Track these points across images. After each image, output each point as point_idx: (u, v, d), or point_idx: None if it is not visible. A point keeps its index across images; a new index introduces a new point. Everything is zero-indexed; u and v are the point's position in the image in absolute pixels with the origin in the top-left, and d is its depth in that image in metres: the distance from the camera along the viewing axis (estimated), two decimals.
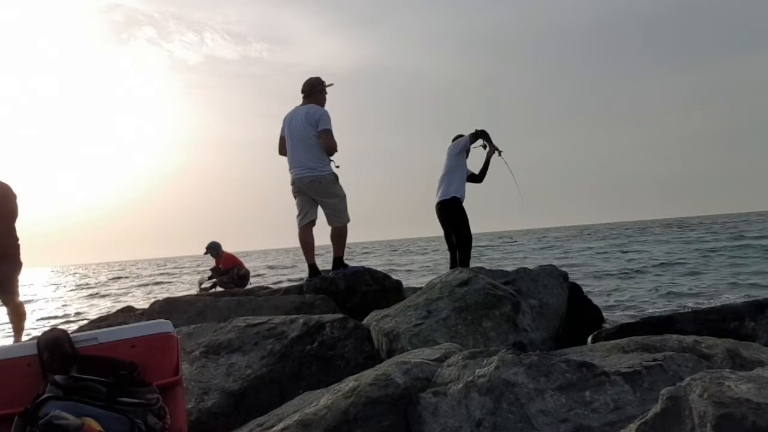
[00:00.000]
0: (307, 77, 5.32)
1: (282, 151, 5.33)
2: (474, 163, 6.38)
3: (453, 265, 5.96)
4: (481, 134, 6.08)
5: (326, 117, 5.04)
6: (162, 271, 37.25)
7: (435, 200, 6.14)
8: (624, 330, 3.66)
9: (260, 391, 2.80)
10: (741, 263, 12.80)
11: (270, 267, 28.89)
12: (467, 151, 6.21)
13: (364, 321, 3.59)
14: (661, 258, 15.70)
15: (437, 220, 6.21)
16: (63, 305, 15.66)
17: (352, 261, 6.28)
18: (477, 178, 6.31)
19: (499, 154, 6.17)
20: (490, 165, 6.29)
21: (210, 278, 11.03)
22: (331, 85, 5.33)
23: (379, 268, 5.61)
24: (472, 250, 6.11)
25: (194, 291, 11.03)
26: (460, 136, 6.20)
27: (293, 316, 3.34)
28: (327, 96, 5.32)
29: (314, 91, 5.25)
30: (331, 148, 5.03)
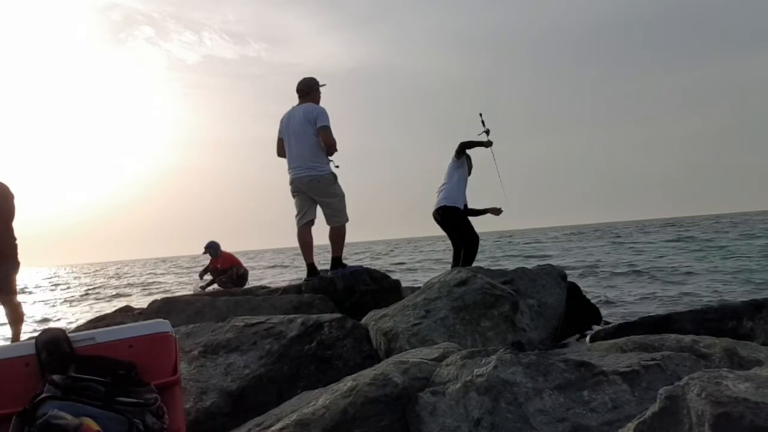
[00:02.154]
0: (302, 77, 5.34)
1: (280, 152, 5.33)
2: (475, 169, 6.34)
3: (455, 264, 5.95)
4: (465, 145, 5.99)
5: (324, 114, 5.05)
6: (160, 271, 37.23)
7: (433, 207, 6.11)
8: (622, 329, 3.67)
9: (258, 390, 2.80)
10: (742, 262, 12.82)
11: (268, 267, 28.88)
12: (470, 167, 6.20)
13: (363, 321, 3.59)
14: (661, 257, 15.72)
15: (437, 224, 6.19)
16: (60, 305, 15.64)
17: (350, 261, 6.28)
18: (471, 212, 6.29)
19: (491, 144, 6.09)
20: (485, 212, 6.32)
21: (203, 273, 11.03)
22: (324, 85, 5.35)
23: (377, 268, 5.61)
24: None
25: (192, 290, 11.03)
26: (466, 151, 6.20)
27: (291, 316, 3.34)
28: (320, 96, 5.35)
29: (311, 90, 5.27)
30: (330, 145, 5.03)
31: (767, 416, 1.19)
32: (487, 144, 6.05)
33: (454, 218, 5.99)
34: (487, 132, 6.11)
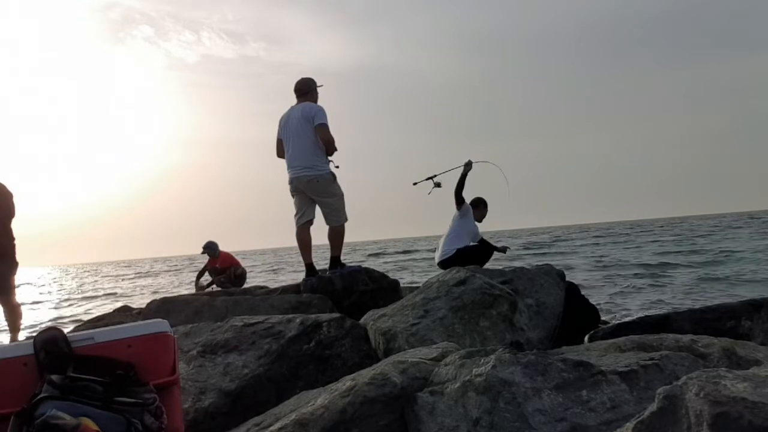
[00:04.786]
0: (300, 77, 5.35)
1: (280, 153, 5.33)
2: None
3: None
4: (457, 193, 5.90)
5: (322, 112, 5.05)
6: (158, 270, 37.19)
7: (436, 259, 6.02)
8: (621, 329, 3.67)
9: (257, 390, 2.80)
10: (742, 263, 12.82)
11: (267, 267, 28.85)
12: (482, 213, 6.16)
13: (361, 320, 3.59)
14: (660, 257, 15.74)
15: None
16: (58, 305, 15.62)
17: (349, 260, 6.28)
18: (486, 243, 6.22)
19: (470, 164, 5.93)
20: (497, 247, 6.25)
21: (201, 273, 11.01)
22: (321, 86, 5.36)
23: (376, 268, 5.61)
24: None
25: (191, 290, 11.01)
26: (478, 199, 6.14)
27: (290, 316, 3.34)
28: (318, 96, 5.36)
29: (310, 89, 5.27)
30: (328, 142, 5.03)
31: (765, 416, 1.19)
32: (466, 168, 5.88)
33: (455, 263, 5.96)
34: (438, 185, 5.99)
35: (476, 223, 6.14)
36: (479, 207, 6.17)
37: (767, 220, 43.51)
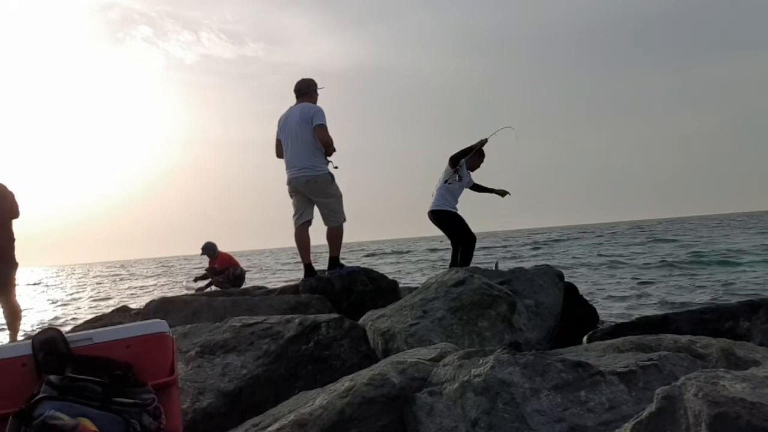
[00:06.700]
0: (300, 78, 5.36)
1: (279, 153, 5.34)
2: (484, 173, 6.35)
3: (453, 264, 5.96)
4: (457, 157, 5.93)
5: (321, 113, 5.06)
6: (156, 271, 37.17)
7: (428, 208, 6.11)
8: (619, 330, 3.67)
9: (256, 391, 2.80)
10: (741, 264, 12.82)
11: (265, 267, 28.83)
12: (477, 164, 6.16)
13: (360, 321, 3.59)
14: (659, 257, 15.74)
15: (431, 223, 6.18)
16: (57, 305, 15.60)
17: (347, 261, 6.28)
18: (477, 188, 6.28)
19: (485, 142, 5.93)
20: (492, 190, 6.30)
21: (203, 277, 11.00)
22: (322, 88, 5.38)
23: (375, 268, 5.62)
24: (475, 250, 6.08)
25: (189, 291, 11.01)
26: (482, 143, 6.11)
27: (289, 316, 3.34)
28: (318, 98, 5.36)
29: (309, 90, 5.28)
30: (326, 143, 5.04)
31: (764, 416, 1.19)
32: (479, 144, 5.90)
33: (448, 218, 5.99)
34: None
35: (469, 171, 6.14)
36: (474, 156, 6.03)
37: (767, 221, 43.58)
